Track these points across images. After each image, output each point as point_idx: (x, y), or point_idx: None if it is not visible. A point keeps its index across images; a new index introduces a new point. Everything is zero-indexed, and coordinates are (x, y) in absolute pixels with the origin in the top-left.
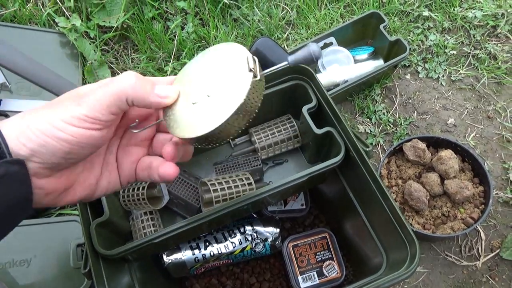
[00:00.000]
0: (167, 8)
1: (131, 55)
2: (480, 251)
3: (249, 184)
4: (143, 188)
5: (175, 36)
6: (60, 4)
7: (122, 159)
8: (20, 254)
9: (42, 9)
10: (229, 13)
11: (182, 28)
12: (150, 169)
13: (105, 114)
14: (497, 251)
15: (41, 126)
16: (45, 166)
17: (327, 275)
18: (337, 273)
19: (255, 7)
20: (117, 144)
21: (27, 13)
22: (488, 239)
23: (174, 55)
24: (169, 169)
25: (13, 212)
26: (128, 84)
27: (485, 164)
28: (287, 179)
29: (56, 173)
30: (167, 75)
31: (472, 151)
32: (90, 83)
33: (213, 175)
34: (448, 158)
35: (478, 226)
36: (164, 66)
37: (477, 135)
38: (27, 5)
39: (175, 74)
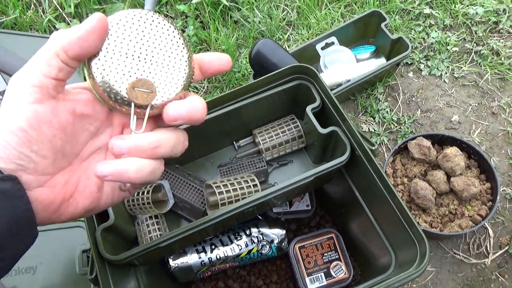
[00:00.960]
0: (167, 11)
1: None
2: (488, 248)
3: (254, 185)
4: (148, 192)
5: None
6: (61, 10)
7: None
8: (25, 262)
9: (43, 16)
10: (229, 15)
11: (183, 31)
12: None
13: (37, 77)
14: (506, 248)
15: None
16: (24, 170)
17: (335, 276)
18: (345, 274)
19: (255, 9)
20: None
21: (27, 20)
22: (496, 236)
23: None
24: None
25: (15, 232)
26: (53, 37)
27: (491, 161)
28: (292, 180)
29: (46, 180)
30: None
31: (478, 148)
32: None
33: (218, 178)
34: (454, 155)
35: (486, 223)
36: None
37: (482, 132)
38: (27, 12)
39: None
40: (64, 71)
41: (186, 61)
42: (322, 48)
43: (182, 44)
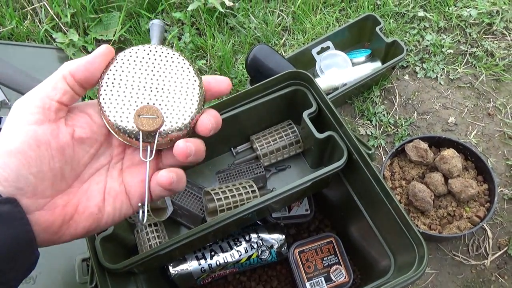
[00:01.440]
0: (163, 19)
1: None
2: (487, 249)
3: (253, 191)
4: None
5: (172, 46)
6: (57, 20)
7: (129, 181)
8: None
9: (39, 26)
10: (225, 22)
11: (179, 39)
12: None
13: (40, 99)
14: (505, 248)
15: None
16: (23, 193)
17: (335, 280)
18: (345, 278)
19: (250, 15)
20: (119, 168)
21: (24, 30)
22: (495, 237)
23: None
24: (162, 176)
25: (16, 255)
26: (63, 64)
27: (488, 162)
28: (290, 185)
29: (45, 203)
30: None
31: (475, 149)
32: (90, 97)
33: (216, 184)
34: (451, 157)
35: (484, 225)
36: None
37: (479, 133)
38: (24, 22)
39: None
40: (68, 95)
41: (197, 87)
42: (318, 53)
43: (192, 71)
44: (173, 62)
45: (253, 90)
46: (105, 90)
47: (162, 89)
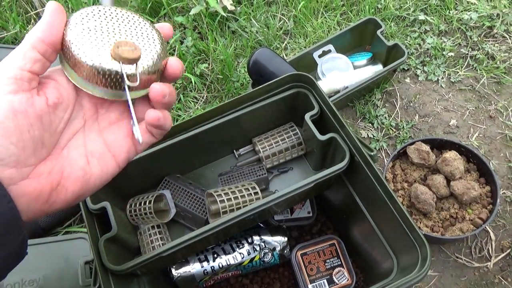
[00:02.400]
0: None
1: None
2: (490, 251)
3: (255, 193)
4: (149, 202)
5: (174, 50)
6: None
7: (111, 140)
8: (28, 274)
9: None
10: (227, 26)
11: (181, 43)
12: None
13: (12, 70)
14: (508, 251)
15: None
16: (5, 163)
17: (338, 282)
18: (348, 280)
19: (252, 19)
20: (97, 129)
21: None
22: (498, 239)
23: None
24: (150, 113)
25: (2, 232)
26: (28, 34)
27: (490, 164)
28: (293, 187)
29: (30, 172)
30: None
31: (477, 151)
32: None
33: (219, 186)
34: (453, 159)
35: (487, 227)
36: None
37: (480, 135)
38: (27, 26)
39: (176, 89)
40: (39, 63)
41: (155, 32)
42: (319, 56)
43: (145, 20)
44: (128, 15)
45: (255, 93)
46: (75, 39)
47: (125, 34)
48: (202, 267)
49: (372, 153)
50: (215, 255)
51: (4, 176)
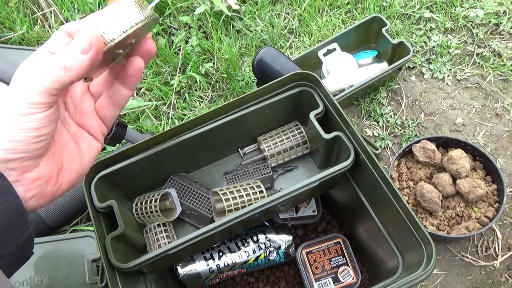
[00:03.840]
0: (171, 23)
1: None
2: (497, 250)
3: (260, 192)
4: (155, 201)
5: (179, 50)
6: None
7: (84, 121)
8: (36, 272)
9: (49, 31)
10: (231, 25)
11: (187, 42)
12: (109, 95)
13: (48, 97)
14: None
15: (7, 123)
16: (24, 157)
17: (343, 281)
18: (353, 279)
19: (257, 18)
20: (67, 115)
21: (34, 35)
22: (504, 238)
23: (180, 68)
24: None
25: (9, 227)
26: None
27: (497, 162)
28: (297, 185)
29: (40, 160)
30: (173, 89)
31: (483, 150)
32: None
33: (224, 185)
34: (459, 158)
35: (493, 225)
36: (170, 80)
37: (487, 133)
38: (34, 27)
39: (182, 88)
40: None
41: None
42: (324, 55)
43: None
44: None
45: (260, 92)
46: None
47: None
48: (208, 265)
49: (377, 151)
50: (221, 254)
51: (22, 165)
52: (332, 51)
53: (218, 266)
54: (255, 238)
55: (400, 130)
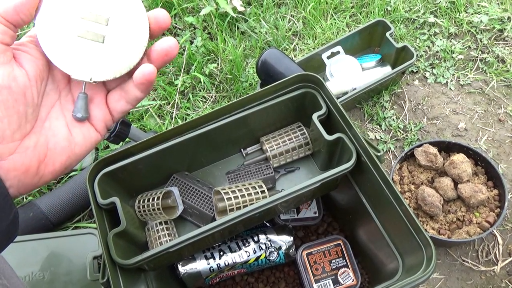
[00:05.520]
0: (176, 23)
1: None
2: (497, 255)
3: (262, 191)
4: (158, 199)
5: (184, 50)
6: None
7: (89, 109)
8: (38, 268)
9: None
10: (236, 27)
11: (191, 43)
12: (124, 89)
13: None
14: None
15: None
16: None
17: (343, 283)
18: (353, 281)
19: (261, 20)
20: (71, 99)
21: None
22: (505, 243)
23: (184, 68)
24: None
25: None
26: None
27: (499, 167)
28: (299, 186)
29: (16, 147)
30: (177, 89)
31: (485, 155)
32: None
33: (226, 184)
34: (461, 162)
35: (494, 230)
36: (175, 80)
37: (489, 139)
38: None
39: (186, 88)
40: (7, 34)
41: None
42: (328, 57)
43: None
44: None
45: (263, 92)
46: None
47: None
48: (208, 264)
49: (379, 154)
50: (221, 253)
51: None
52: (336, 54)
53: (218, 265)
54: (256, 238)
55: (403, 134)
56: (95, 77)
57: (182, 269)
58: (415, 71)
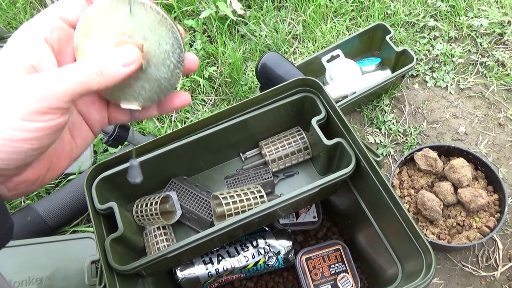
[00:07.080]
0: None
1: None
2: (498, 260)
3: (261, 196)
4: (156, 203)
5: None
6: None
7: (88, 112)
8: (35, 272)
9: None
10: (236, 30)
11: (191, 46)
12: None
13: (67, 102)
14: None
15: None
16: (19, 166)
17: None
18: (352, 286)
19: (261, 23)
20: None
21: None
22: (505, 248)
23: None
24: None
25: None
26: (86, 75)
27: (499, 172)
28: (298, 191)
29: (33, 163)
30: (176, 91)
31: (485, 159)
32: None
33: (225, 189)
34: (461, 167)
35: (494, 235)
36: None
37: (489, 143)
38: None
39: (185, 90)
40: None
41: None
42: (328, 61)
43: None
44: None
45: (262, 97)
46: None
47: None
48: (207, 269)
49: (378, 159)
50: (220, 258)
51: (12, 172)
52: (336, 58)
53: (217, 270)
54: (254, 243)
55: (402, 138)
56: (140, 104)
57: (180, 274)
58: (415, 74)
